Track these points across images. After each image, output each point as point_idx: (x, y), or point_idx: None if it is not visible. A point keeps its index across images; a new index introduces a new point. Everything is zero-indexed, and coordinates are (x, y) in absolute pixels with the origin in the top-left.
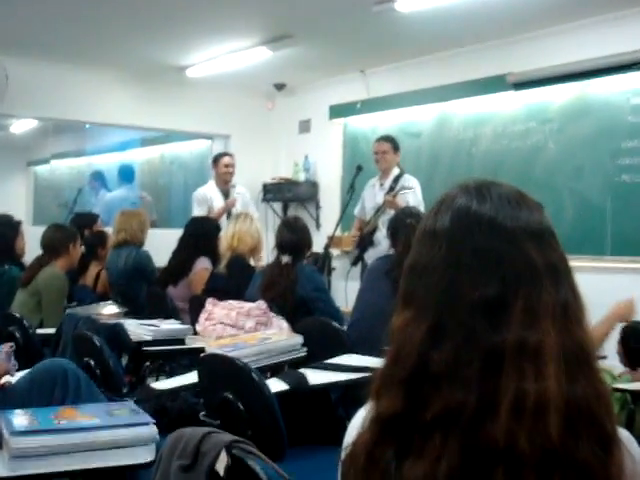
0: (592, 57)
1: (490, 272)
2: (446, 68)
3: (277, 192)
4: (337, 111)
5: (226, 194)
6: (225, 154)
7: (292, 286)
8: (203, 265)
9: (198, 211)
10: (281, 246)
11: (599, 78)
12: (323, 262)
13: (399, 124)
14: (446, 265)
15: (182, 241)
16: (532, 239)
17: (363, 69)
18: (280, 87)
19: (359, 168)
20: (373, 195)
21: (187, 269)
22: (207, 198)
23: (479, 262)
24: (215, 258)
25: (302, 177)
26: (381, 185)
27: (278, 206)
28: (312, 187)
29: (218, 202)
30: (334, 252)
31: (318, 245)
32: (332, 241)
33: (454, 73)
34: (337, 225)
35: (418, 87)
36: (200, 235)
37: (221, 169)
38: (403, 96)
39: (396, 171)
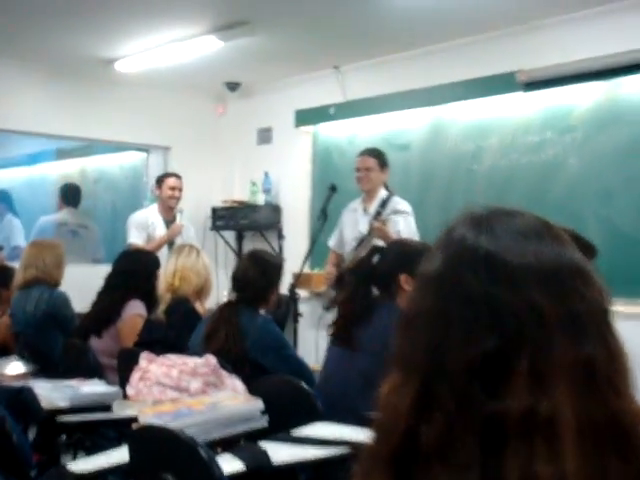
0: (624, 50)
1: (486, 324)
2: (441, 64)
3: (230, 218)
4: (305, 117)
5: (169, 223)
6: (170, 175)
7: (235, 332)
8: (135, 310)
9: (136, 238)
10: (235, 279)
11: (633, 76)
12: (287, 307)
13: (383, 133)
14: (433, 317)
15: (109, 279)
16: (542, 281)
17: (337, 65)
18: (233, 87)
19: (333, 188)
20: (354, 222)
21: (115, 315)
22: (148, 224)
23: (472, 311)
24: (151, 301)
25: (261, 199)
26: (365, 210)
27: (230, 235)
28: (273, 212)
29: (160, 231)
30: (301, 294)
31: (282, 286)
32: (299, 280)
33: (451, 70)
34: (305, 260)
35: (406, 87)
36: (132, 272)
37: (165, 192)
38: (387, 98)
39: (383, 193)
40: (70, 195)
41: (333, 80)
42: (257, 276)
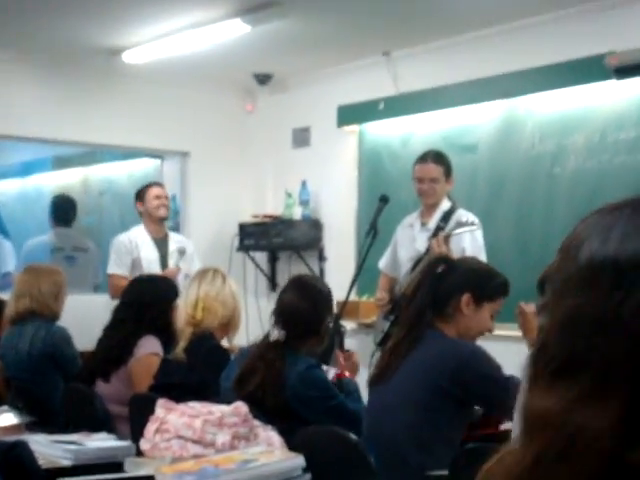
0: None
1: None
2: (513, 48)
3: (261, 236)
4: (349, 114)
5: (160, 240)
6: (152, 184)
7: (275, 379)
8: (150, 348)
9: (117, 267)
10: (280, 314)
11: None
12: (331, 342)
13: (443, 132)
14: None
15: (118, 312)
16: None
17: (387, 50)
18: (263, 80)
19: (384, 199)
20: (411, 239)
21: (126, 354)
22: (131, 247)
23: None
24: (168, 337)
25: (298, 214)
26: (423, 225)
27: (262, 257)
28: (313, 228)
29: (148, 252)
30: (348, 325)
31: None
32: (344, 309)
33: (525, 55)
34: (352, 285)
35: (471, 77)
36: (146, 303)
37: (150, 202)
38: (448, 90)
39: (445, 205)
40: (60, 212)
41: (382, 69)
42: (309, 309)
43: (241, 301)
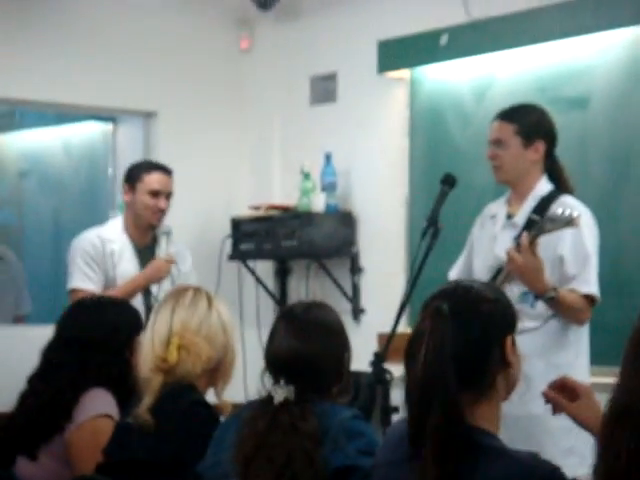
0: None
1: None
2: None
3: (264, 238)
4: (396, 53)
5: (146, 249)
6: (153, 167)
7: (309, 452)
8: (98, 408)
9: (84, 280)
10: (275, 366)
11: None
12: (370, 394)
13: (538, 78)
14: None
15: (51, 354)
16: None
17: None
18: (266, 3)
19: (449, 181)
20: (490, 239)
21: (61, 418)
22: (105, 253)
23: None
24: (127, 391)
25: (320, 204)
26: (509, 217)
27: (266, 269)
28: (342, 225)
29: (129, 267)
30: (395, 370)
31: (357, 357)
32: (391, 347)
33: None
34: (401, 309)
35: None
36: (92, 339)
37: (142, 198)
38: (545, 14)
39: (543, 188)
40: None
41: None
42: (318, 352)
43: (235, 335)
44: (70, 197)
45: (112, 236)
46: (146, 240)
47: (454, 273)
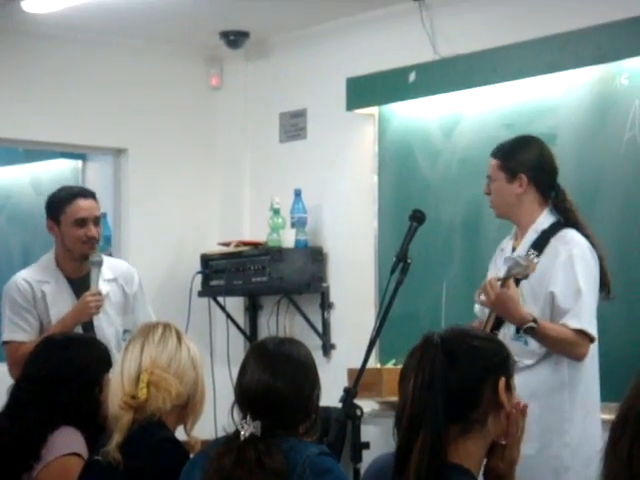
0: None
1: None
2: None
3: (234, 274)
4: (365, 91)
5: (82, 280)
6: (76, 194)
7: (274, 474)
8: (67, 447)
9: (15, 330)
10: (244, 400)
11: None
12: (340, 432)
13: (505, 115)
14: None
15: (18, 393)
16: None
17: None
18: (235, 40)
19: (418, 217)
20: (497, 271)
21: (29, 458)
22: (36, 296)
23: None
24: (96, 429)
25: (289, 239)
26: (514, 251)
27: (236, 305)
28: (312, 261)
29: (63, 304)
30: (365, 406)
31: (328, 392)
32: (361, 383)
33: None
34: (371, 345)
35: (546, 32)
36: (60, 378)
37: (70, 231)
38: (512, 53)
39: (545, 221)
40: None
41: (414, 22)
42: (287, 387)
43: (206, 371)
44: (39, 234)
45: (43, 275)
46: (82, 271)
47: (477, 306)
